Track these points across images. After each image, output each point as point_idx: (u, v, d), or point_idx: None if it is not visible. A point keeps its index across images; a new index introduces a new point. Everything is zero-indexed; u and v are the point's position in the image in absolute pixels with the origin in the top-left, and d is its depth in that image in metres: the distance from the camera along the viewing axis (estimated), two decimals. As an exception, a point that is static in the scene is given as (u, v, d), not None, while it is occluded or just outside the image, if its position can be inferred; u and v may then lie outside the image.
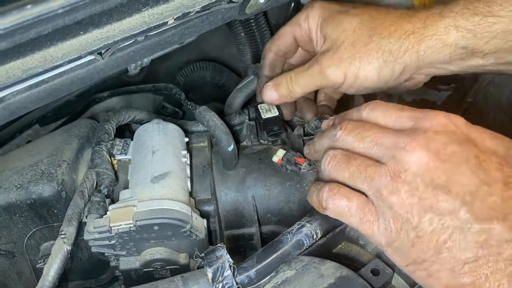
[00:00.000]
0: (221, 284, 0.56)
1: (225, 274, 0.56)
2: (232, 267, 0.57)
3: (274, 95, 0.77)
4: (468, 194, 0.50)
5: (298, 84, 0.75)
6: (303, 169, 0.74)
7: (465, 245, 0.49)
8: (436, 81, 1.33)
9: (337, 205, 0.56)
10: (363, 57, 0.71)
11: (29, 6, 0.38)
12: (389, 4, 0.91)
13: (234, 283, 0.56)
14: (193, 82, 1.12)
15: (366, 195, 0.55)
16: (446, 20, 0.68)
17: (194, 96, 1.11)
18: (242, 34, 1.04)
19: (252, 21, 1.01)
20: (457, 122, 0.54)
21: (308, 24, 0.78)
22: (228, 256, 0.57)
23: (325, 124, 0.69)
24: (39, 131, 1.04)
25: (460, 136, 0.53)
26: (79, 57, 0.55)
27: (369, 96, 0.93)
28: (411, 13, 0.71)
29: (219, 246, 0.59)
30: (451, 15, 0.67)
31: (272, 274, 0.59)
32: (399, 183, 0.52)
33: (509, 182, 0.50)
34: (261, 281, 0.58)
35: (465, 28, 0.67)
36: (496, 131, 1.12)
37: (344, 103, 0.99)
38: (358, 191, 0.56)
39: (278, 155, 0.76)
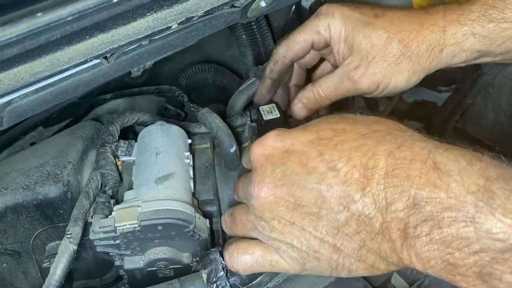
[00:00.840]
0: (215, 285, 0.59)
1: (219, 275, 0.59)
2: (225, 269, 0.60)
3: (304, 112, 0.81)
4: (313, 198, 0.54)
5: (328, 98, 0.79)
6: None
7: (349, 236, 0.52)
8: (436, 83, 1.34)
9: (244, 265, 0.59)
10: (394, 69, 0.73)
11: (39, 14, 0.39)
12: (389, 4, 0.93)
13: (227, 284, 0.59)
14: (195, 84, 1.13)
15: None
16: (464, 28, 0.72)
17: (196, 98, 1.13)
18: (244, 36, 1.05)
19: (253, 24, 1.02)
20: (268, 143, 0.58)
21: (329, 34, 0.77)
22: (221, 259, 0.61)
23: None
24: (43, 132, 1.04)
25: (277, 156, 0.57)
26: (85, 61, 0.56)
27: (371, 98, 0.94)
28: (431, 19, 0.73)
29: (213, 250, 0.62)
30: (469, 23, 0.71)
31: (263, 275, 0.62)
32: (265, 222, 0.56)
33: (332, 166, 0.53)
34: (255, 281, 0.61)
35: (481, 35, 0.71)
36: (496, 132, 1.14)
37: (344, 102, 1.01)
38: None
39: None
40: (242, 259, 0.59)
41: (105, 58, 0.58)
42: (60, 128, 1.03)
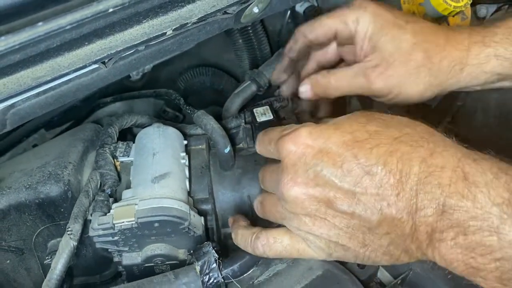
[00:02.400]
0: (207, 276, 0.61)
1: (211, 267, 0.61)
2: (217, 262, 0.62)
3: (309, 93, 0.79)
4: (348, 198, 0.55)
5: (337, 90, 0.77)
6: None
7: (366, 207, 0.54)
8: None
9: (274, 252, 0.61)
10: (412, 78, 0.72)
11: (40, 23, 0.42)
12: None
13: (220, 275, 0.61)
14: (193, 87, 1.14)
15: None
16: (488, 50, 0.71)
17: (194, 100, 1.14)
18: (240, 40, 1.07)
19: (249, 28, 1.03)
20: (301, 141, 0.57)
21: (356, 27, 0.75)
22: (214, 252, 0.63)
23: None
24: (45, 135, 1.07)
25: (310, 155, 0.56)
26: (84, 66, 0.59)
27: (365, 102, 0.97)
28: (456, 37, 0.73)
29: (206, 243, 0.64)
30: (493, 44, 0.71)
31: (254, 268, 0.64)
32: (295, 216, 0.57)
33: (368, 170, 0.54)
34: (246, 273, 0.63)
35: (504, 57, 0.70)
36: (486, 133, 1.16)
37: (342, 104, 1.02)
38: None
39: None
40: (274, 247, 0.60)
41: (103, 63, 0.60)
42: (61, 131, 1.05)
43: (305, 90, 0.79)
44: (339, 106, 0.94)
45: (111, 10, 0.47)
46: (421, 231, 0.52)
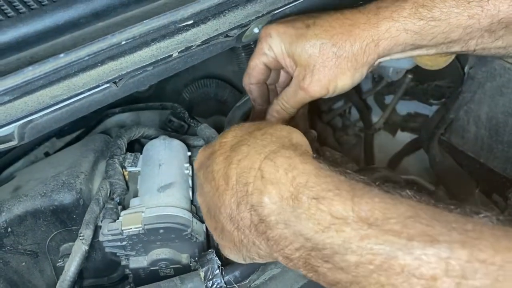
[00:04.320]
0: (211, 282, 0.65)
1: (215, 273, 0.65)
2: (220, 268, 0.66)
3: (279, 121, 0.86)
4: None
5: (291, 106, 0.84)
6: None
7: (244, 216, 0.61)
8: (428, 96, 1.41)
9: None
10: (336, 72, 0.78)
11: (62, 55, 0.47)
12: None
13: (222, 281, 0.65)
14: (198, 98, 1.18)
15: None
16: (396, 24, 0.76)
17: (198, 110, 1.18)
18: (243, 54, 1.11)
19: (252, 43, 1.08)
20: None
21: (273, 53, 0.82)
22: (217, 258, 0.67)
23: None
24: (56, 142, 1.10)
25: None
26: (97, 86, 0.63)
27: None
28: (362, 17, 0.78)
29: (210, 251, 0.68)
30: (401, 19, 0.76)
31: (255, 273, 0.68)
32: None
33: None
34: (246, 280, 0.67)
35: (412, 31, 0.76)
36: (478, 144, 1.20)
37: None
38: None
39: None
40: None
41: (115, 82, 0.65)
42: (72, 139, 1.10)
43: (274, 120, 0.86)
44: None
45: (123, 42, 0.52)
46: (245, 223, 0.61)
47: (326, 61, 0.78)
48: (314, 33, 0.78)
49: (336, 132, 1.51)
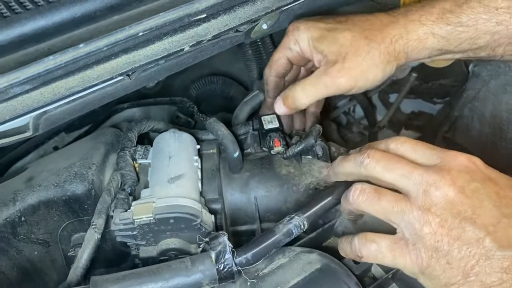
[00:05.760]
0: (222, 265, 0.64)
1: (226, 256, 0.64)
2: (232, 251, 0.65)
3: (283, 108, 0.84)
4: (491, 225, 0.55)
5: (307, 97, 0.80)
6: (273, 152, 0.84)
7: (490, 270, 0.54)
8: (432, 95, 1.42)
9: (368, 251, 0.61)
10: (369, 63, 0.77)
11: (81, 45, 0.49)
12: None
13: (234, 264, 0.65)
14: (205, 94, 1.20)
15: (394, 232, 0.60)
16: (424, 28, 0.77)
17: (205, 107, 1.19)
18: (250, 51, 1.12)
19: (258, 41, 1.09)
20: (476, 162, 0.59)
21: (299, 47, 0.82)
22: (229, 241, 0.66)
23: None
24: (65, 137, 1.12)
25: (480, 175, 0.58)
26: (111, 78, 0.65)
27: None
28: (392, 19, 0.79)
29: (221, 233, 0.67)
30: (429, 23, 0.77)
31: (266, 256, 0.67)
32: (430, 216, 0.56)
33: None
34: (257, 262, 0.67)
35: (440, 36, 0.78)
36: (482, 142, 1.21)
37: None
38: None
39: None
40: (369, 245, 0.61)
41: (128, 75, 0.67)
42: (80, 133, 1.10)
43: (279, 107, 0.84)
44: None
45: (140, 34, 0.54)
46: None
47: (358, 50, 0.77)
48: (347, 27, 0.79)
49: (341, 129, 1.52)
